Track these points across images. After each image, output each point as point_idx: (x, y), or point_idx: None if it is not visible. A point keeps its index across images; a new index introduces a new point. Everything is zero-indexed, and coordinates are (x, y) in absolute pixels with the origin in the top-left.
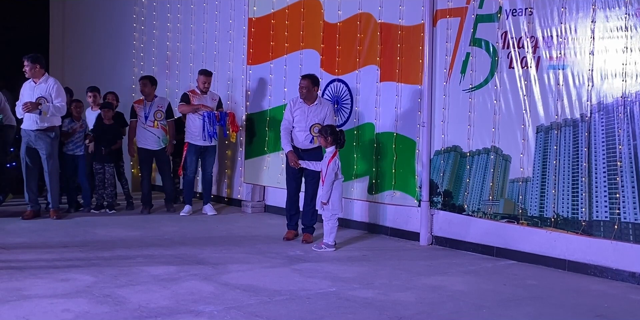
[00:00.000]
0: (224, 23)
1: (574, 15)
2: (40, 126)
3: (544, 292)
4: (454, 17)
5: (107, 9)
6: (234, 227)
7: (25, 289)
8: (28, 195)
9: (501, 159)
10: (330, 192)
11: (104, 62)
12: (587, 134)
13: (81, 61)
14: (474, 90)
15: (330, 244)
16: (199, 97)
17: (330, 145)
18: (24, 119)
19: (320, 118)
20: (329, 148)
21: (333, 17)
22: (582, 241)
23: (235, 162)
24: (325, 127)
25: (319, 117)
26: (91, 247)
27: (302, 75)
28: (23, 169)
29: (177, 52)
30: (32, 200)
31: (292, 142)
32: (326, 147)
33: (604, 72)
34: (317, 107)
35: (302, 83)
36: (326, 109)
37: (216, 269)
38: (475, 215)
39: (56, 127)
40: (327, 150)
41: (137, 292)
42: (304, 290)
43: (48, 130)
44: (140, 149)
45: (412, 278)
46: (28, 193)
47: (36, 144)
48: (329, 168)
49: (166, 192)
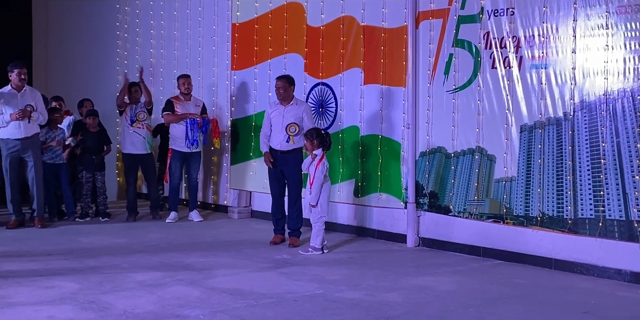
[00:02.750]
0: (207, 29)
1: (555, 15)
2: (27, 134)
3: (531, 290)
4: (437, 19)
5: (91, 17)
6: (221, 232)
7: (9, 296)
8: (13, 206)
9: (486, 159)
10: (319, 194)
11: (88, 70)
12: (570, 132)
13: (65, 69)
14: (457, 91)
15: (317, 248)
16: (182, 103)
17: (316, 148)
18: (3, 130)
19: (296, 118)
20: (315, 150)
21: (316, 21)
22: (568, 239)
23: (221, 167)
24: (310, 131)
25: (295, 117)
26: (76, 255)
27: (278, 77)
28: (6, 180)
29: (161, 59)
30: (16, 210)
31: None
32: (312, 150)
33: (586, 71)
34: (293, 107)
35: (278, 84)
36: (302, 108)
37: (202, 273)
38: (461, 216)
39: (38, 134)
40: (313, 153)
41: (122, 298)
42: (290, 293)
43: (34, 137)
44: (126, 155)
45: (399, 279)
46: (13, 204)
47: (23, 152)
48: (317, 171)
49: (151, 199)
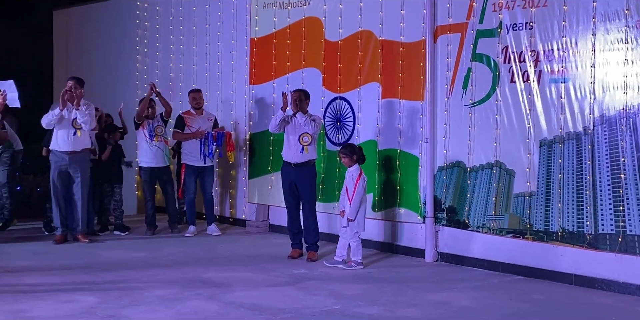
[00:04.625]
0: (226, 44)
1: (574, 29)
2: (75, 148)
3: (550, 306)
4: (455, 33)
5: (111, 32)
6: (239, 246)
7: (28, 310)
8: (60, 221)
9: (505, 173)
10: (358, 209)
11: (108, 85)
12: (590, 147)
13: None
14: (475, 106)
15: (359, 262)
16: (194, 117)
17: (354, 163)
18: (53, 141)
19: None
20: (352, 166)
21: (334, 36)
22: (588, 255)
23: (238, 181)
24: (346, 147)
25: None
26: (95, 269)
27: (294, 90)
28: (52, 194)
29: (180, 73)
30: (63, 224)
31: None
32: (350, 166)
33: (605, 85)
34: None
35: (295, 95)
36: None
37: (220, 288)
38: (480, 231)
39: (88, 149)
40: (350, 169)
41: (140, 312)
42: (308, 308)
43: (83, 153)
44: (144, 169)
45: (417, 294)
46: (60, 218)
47: (71, 167)
48: (358, 185)
49: (169, 213)
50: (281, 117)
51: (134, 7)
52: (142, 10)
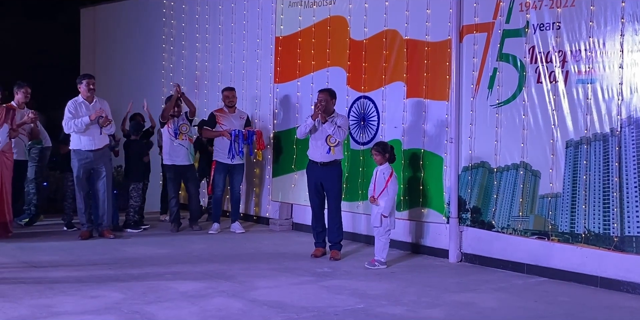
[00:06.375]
0: (251, 42)
1: (602, 29)
2: (99, 146)
3: (575, 308)
4: (481, 33)
5: (137, 30)
6: (262, 244)
7: (54, 305)
8: (86, 217)
9: (530, 174)
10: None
11: (134, 83)
12: (617, 148)
13: (111, 82)
14: (501, 106)
15: (383, 261)
16: (226, 115)
17: (385, 161)
18: (75, 140)
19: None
20: (383, 165)
21: (359, 35)
22: (614, 257)
23: (263, 180)
24: (380, 145)
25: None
26: (120, 264)
27: (320, 90)
28: (78, 191)
29: (206, 72)
30: (89, 220)
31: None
32: (381, 164)
33: (633, 86)
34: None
35: (320, 96)
36: (341, 119)
37: (244, 285)
38: (504, 232)
39: (108, 145)
40: (381, 167)
41: (165, 309)
42: (331, 306)
43: (105, 149)
44: (168, 166)
45: (441, 295)
46: (85, 215)
47: (95, 163)
48: (390, 183)
49: (191, 210)
50: (311, 126)
51: (160, 6)
52: (168, 9)
